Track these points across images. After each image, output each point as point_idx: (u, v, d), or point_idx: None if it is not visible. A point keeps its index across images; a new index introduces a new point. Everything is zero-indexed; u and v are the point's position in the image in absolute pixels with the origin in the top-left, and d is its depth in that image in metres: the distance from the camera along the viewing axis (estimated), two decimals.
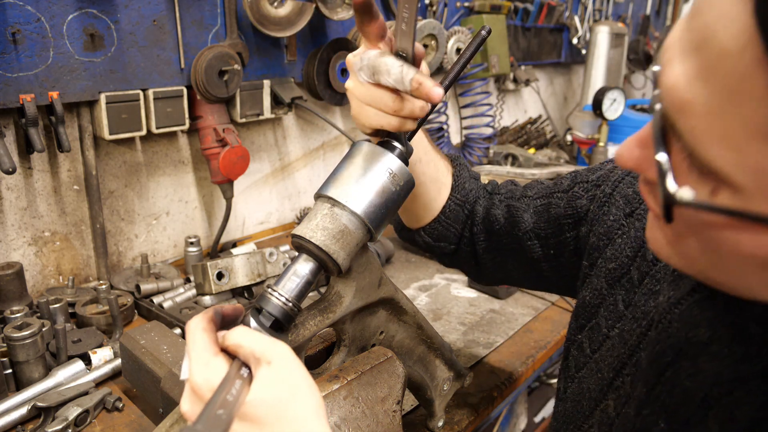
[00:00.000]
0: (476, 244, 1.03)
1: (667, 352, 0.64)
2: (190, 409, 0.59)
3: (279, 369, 0.57)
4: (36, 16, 1.32)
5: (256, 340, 0.59)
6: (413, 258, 1.86)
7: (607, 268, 0.81)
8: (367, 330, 0.89)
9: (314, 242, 0.72)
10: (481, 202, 1.03)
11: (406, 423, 1.07)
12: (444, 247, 1.04)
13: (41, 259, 1.53)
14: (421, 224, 1.03)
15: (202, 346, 0.60)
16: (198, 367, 0.58)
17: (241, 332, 0.61)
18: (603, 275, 0.81)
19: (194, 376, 0.58)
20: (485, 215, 1.01)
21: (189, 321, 0.62)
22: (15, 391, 1.12)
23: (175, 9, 1.55)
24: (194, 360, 0.59)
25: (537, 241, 0.96)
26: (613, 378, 0.74)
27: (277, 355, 0.58)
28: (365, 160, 0.75)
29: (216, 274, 1.37)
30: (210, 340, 0.60)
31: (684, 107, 0.41)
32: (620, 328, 0.76)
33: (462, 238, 1.04)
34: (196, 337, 0.60)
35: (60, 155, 1.50)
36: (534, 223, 0.95)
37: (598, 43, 3.02)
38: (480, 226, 1.01)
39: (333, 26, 1.98)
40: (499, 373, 1.26)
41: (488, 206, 1.02)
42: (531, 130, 3.01)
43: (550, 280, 1.00)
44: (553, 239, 0.94)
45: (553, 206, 0.94)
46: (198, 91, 1.62)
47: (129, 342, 1.10)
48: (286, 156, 2.09)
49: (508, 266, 1.03)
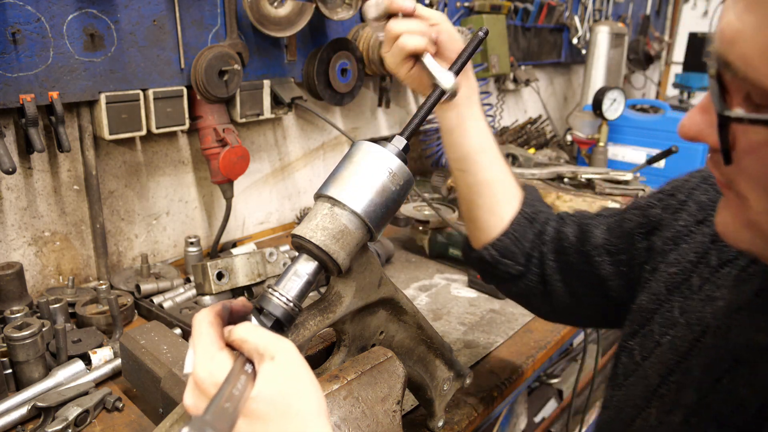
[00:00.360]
0: (545, 264, 1.00)
1: (725, 358, 0.62)
2: (193, 402, 0.58)
3: (282, 365, 0.57)
4: (36, 16, 1.32)
5: (261, 336, 0.59)
6: (413, 258, 1.86)
7: (668, 273, 0.79)
8: (367, 330, 0.89)
9: (314, 242, 0.72)
10: (551, 223, 1.01)
11: (406, 423, 1.07)
12: (510, 265, 1.00)
13: (41, 259, 1.53)
14: (489, 237, 1.00)
15: (208, 340, 0.59)
16: (203, 361, 0.58)
17: (247, 327, 0.61)
18: (663, 280, 0.80)
19: (198, 369, 0.58)
20: (555, 234, 0.99)
21: (196, 314, 0.62)
22: (15, 391, 1.12)
23: (175, 9, 1.55)
24: (199, 354, 0.59)
25: (607, 257, 0.92)
26: (658, 385, 0.73)
27: (281, 351, 0.58)
28: (365, 160, 0.76)
29: (216, 274, 1.37)
30: (216, 335, 0.60)
31: (735, 37, 0.48)
32: (672, 335, 0.74)
33: (530, 258, 1.01)
34: (202, 331, 0.60)
35: (60, 155, 1.50)
36: (605, 239, 0.93)
37: (598, 43, 3.02)
38: (550, 245, 0.99)
39: (333, 26, 1.98)
40: (499, 373, 1.26)
41: (559, 226, 1.00)
42: (531, 130, 3.01)
43: (618, 301, 0.94)
44: (624, 254, 0.91)
45: (627, 220, 0.92)
46: (198, 91, 1.62)
47: (129, 342, 1.10)
48: (286, 156, 2.09)
49: (576, 287, 0.98)
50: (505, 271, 1.01)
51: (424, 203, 1.88)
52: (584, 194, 1.87)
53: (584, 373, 2.15)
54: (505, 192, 1.00)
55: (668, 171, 2.50)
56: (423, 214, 1.84)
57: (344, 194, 0.74)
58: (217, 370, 0.56)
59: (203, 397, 0.57)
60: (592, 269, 0.94)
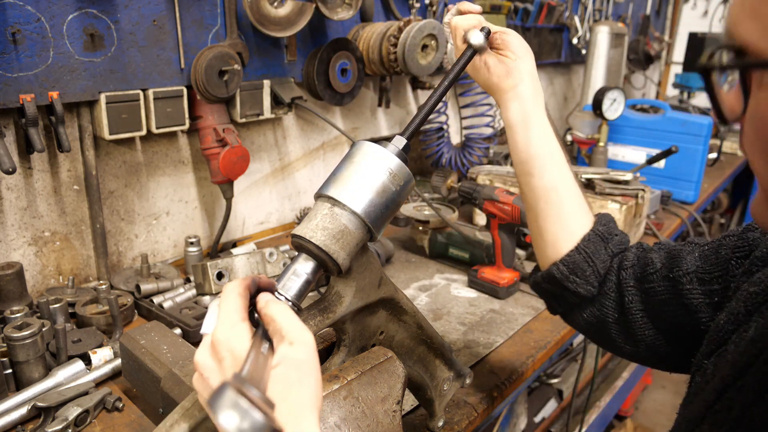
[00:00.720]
0: (624, 291, 0.92)
1: None
2: (203, 360, 0.62)
3: (297, 353, 0.60)
4: (36, 16, 1.32)
5: (289, 320, 0.63)
6: (413, 258, 1.86)
7: (749, 292, 0.76)
8: (367, 330, 0.89)
9: (314, 242, 0.72)
10: (633, 249, 0.96)
11: (406, 423, 1.07)
12: (581, 284, 0.93)
13: (41, 259, 1.53)
14: (558, 254, 0.95)
15: (233, 308, 0.63)
16: (224, 326, 0.62)
17: (280, 308, 0.64)
18: (743, 299, 0.76)
19: (218, 332, 0.62)
20: (638, 260, 0.93)
21: (227, 283, 0.67)
22: (15, 391, 1.13)
23: (175, 9, 1.55)
24: (222, 319, 0.62)
25: (699, 286, 0.85)
26: (714, 401, 0.70)
27: (302, 341, 0.61)
28: (365, 160, 0.76)
29: (216, 274, 1.37)
30: (241, 306, 0.64)
31: (738, 16, 0.51)
32: (739, 353, 0.71)
33: (606, 282, 0.94)
34: (230, 299, 0.64)
35: (60, 155, 1.50)
36: (698, 266, 0.85)
37: (598, 43, 3.02)
38: (630, 270, 0.92)
39: (333, 26, 1.98)
40: (499, 373, 1.26)
41: (642, 252, 0.94)
42: None
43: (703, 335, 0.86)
44: (719, 284, 0.83)
45: (724, 247, 0.84)
46: (198, 91, 1.62)
47: (129, 342, 1.10)
48: (286, 156, 2.09)
49: (660, 318, 0.90)
50: (575, 291, 0.93)
51: (424, 203, 1.88)
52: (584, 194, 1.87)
53: (584, 373, 2.16)
54: (574, 203, 0.95)
55: (668, 171, 2.50)
56: (423, 214, 1.84)
57: (344, 194, 0.74)
58: (234, 338, 0.60)
59: (214, 357, 0.61)
60: (681, 298, 0.86)
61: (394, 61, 1.94)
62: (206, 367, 0.62)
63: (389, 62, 1.96)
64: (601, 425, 2.49)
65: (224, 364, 0.60)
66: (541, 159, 0.95)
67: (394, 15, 2.17)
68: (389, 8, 2.14)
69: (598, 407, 2.44)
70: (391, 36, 1.93)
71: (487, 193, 1.58)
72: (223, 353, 0.60)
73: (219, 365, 0.61)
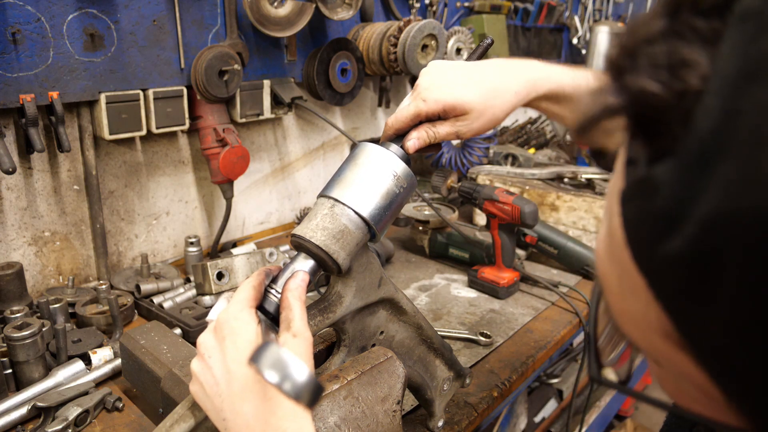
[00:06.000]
0: None
1: None
2: (205, 340, 0.66)
3: (296, 345, 0.64)
4: (36, 16, 1.32)
5: (298, 314, 0.67)
6: (413, 258, 1.86)
7: None
8: (367, 330, 0.89)
9: (314, 242, 0.72)
10: None
11: (406, 423, 1.07)
12: None
13: (41, 259, 1.53)
14: None
15: (245, 296, 0.68)
16: (232, 310, 0.66)
17: (299, 302, 0.69)
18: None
19: (224, 314, 0.66)
20: None
21: (251, 275, 0.73)
22: (15, 391, 1.12)
23: (175, 9, 1.55)
24: (233, 303, 0.67)
25: None
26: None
27: (304, 336, 0.65)
28: (369, 162, 0.76)
29: (216, 274, 1.37)
30: (253, 297, 0.68)
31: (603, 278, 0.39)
32: None
33: None
34: (245, 287, 0.69)
35: (60, 155, 1.50)
36: None
37: (598, 43, 3.02)
38: None
39: (333, 26, 1.98)
40: (499, 373, 1.26)
41: None
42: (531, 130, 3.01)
43: None
44: None
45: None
46: (198, 91, 1.62)
47: (129, 342, 1.10)
48: (286, 156, 2.09)
49: None
50: None
51: (424, 203, 1.88)
52: (584, 194, 1.87)
53: (584, 373, 2.15)
54: None
55: None
56: (423, 214, 1.84)
57: (344, 194, 0.74)
58: (238, 320, 0.64)
59: (217, 336, 0.65)
60: None
61: (394, 61, 1.94)
62: (207, 346, 0.65)
63: (389, 62, 1.96)
64: (601, 425, 2.49)
65: (225, 344, 0.63)
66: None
67: (394, 15, 2.17)
68: (389, 8, 2.14)
69: (598, 407, 2.44)
70: (391, 36, 1.93)
71: (487, 193, 1.58)
72: (225, 332, 0.63)
73: (220, 345, 0.64)
